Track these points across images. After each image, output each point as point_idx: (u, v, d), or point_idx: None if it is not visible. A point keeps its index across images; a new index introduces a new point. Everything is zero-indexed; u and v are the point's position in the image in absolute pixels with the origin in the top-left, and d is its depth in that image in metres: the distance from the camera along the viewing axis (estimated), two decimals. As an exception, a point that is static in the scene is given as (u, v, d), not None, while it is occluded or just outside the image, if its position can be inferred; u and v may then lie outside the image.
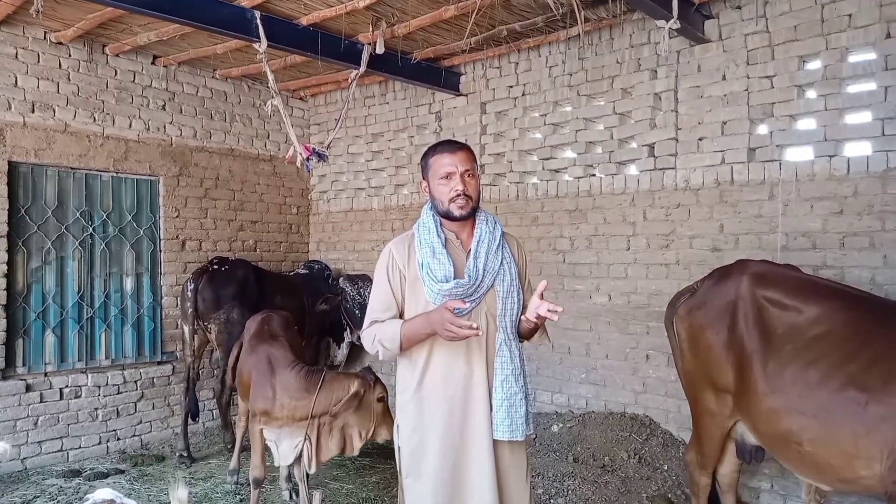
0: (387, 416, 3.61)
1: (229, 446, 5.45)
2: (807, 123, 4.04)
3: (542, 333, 2.47)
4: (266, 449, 3.93)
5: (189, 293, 5.29)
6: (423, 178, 2.46)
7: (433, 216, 2.41)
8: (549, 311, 2.16)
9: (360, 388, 3.53)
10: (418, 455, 2.36)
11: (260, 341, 4.01)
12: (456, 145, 2.43)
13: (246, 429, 4.68)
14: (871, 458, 2.49)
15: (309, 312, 5.85)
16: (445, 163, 2.35)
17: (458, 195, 2.32)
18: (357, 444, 3.66)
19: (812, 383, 2.67)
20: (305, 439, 3.53)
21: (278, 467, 4.38)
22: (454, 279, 2.28)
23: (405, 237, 2.46)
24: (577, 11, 4.13)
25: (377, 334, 2.36)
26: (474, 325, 2.12)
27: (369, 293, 2.52)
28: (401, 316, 2.41)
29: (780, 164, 4.06)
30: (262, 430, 3.82)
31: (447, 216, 2.37)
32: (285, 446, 3.67)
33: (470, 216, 2.38)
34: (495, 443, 2.33)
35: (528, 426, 2.40)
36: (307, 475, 3.79)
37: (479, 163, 5.56)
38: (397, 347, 2.32)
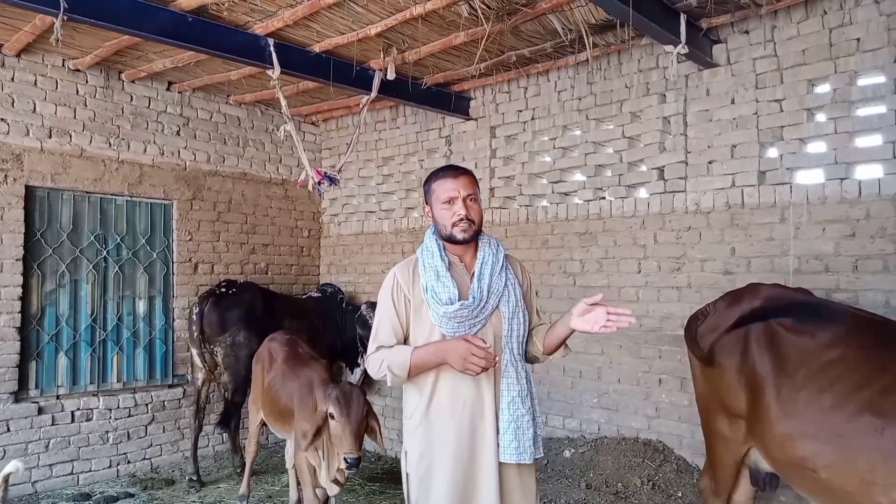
0: (338, 436, 3.18)
1: (239, 470, 5.44)
2: (817, 146, 4.03)
3: (565, 347, 2.47)
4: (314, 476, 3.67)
5: (195, 316, 5.31)
6: (426, 203, 2.49)
7: (436, 240, 2.43)
8: (610, 319, 2.16)
9: (324, 405, 3.27)
10: (427, 480, 2.34)
11: (299, 364, 3.95)
12: (458, 170, 2.45)
13: (256, 453, 4.64)
14: (889, 486, 2.44)
15: (320, 335, 5.86)
16: (448, 187, 2.37)
17: (461, 219, 2.34)
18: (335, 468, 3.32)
19: (826, 408, 2.63)
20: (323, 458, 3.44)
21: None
22: (459, 301, 2.29)
23: (409, 262, 2.47)
24: (585, 37, 4.18)
25: (385, 360, 2.34)
26: (497, 358, 2.13)
27: None
28: (406, 340, 2.40)
29: (791, 186, 4.05)
30: (305, 455, 3.63)
31: (450, 240, 2.39)
32: (324, 476, 3.50)
33: (472, 240, 2.40)
34: (503, 465, 2.31)
35: (537, 449, 2.38)
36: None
37: (489, 186, 5.59)
38: (406, 374, 2.31)
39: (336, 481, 3.41)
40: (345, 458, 3.10)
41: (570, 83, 5.15)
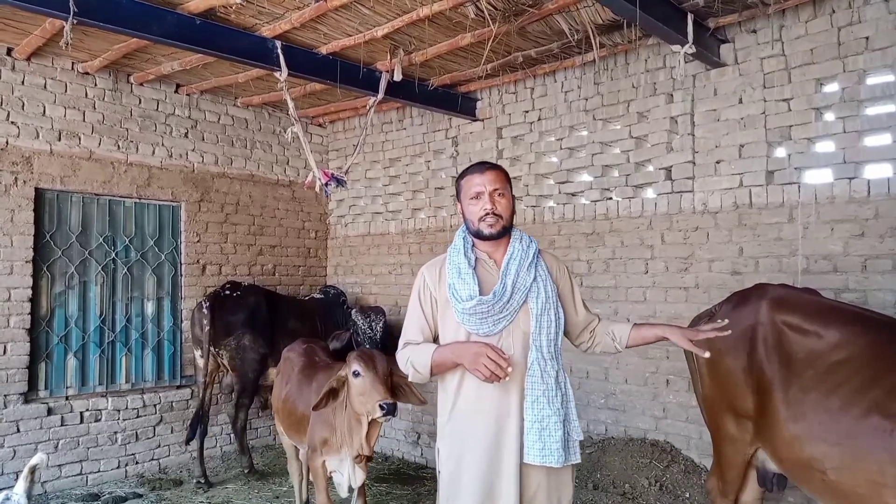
0: (366, 392, 3.09)
1: (246, 471, 5.46)
2: (825, 146, 4.01)
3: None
4: (330, 483, 3.62)
5: (204, 315, 5.31)
6: (458, 201, 2.50)
7: (464, 238, 2.44)
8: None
9: (344, 370, 3.24)
10: (456, 479, 2.33)
11: (314, 371, 3.92)
12: (486, 165, 2.46)
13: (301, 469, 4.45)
14: (899, 487, 2.42)
15: (323, 337, 5.86)
16: (475, 183, 2.39)
17: (487, 214, 2.34)
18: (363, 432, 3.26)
19: (834, 410, 2.61)
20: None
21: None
22: (478, 297, 2.27)
23: (438, 260, 2.48)
24: (592, 37, 4.17)
25: (410, 357, 2.37)
26: (509, 369, 2.14)
27: (380, 327, 2.55)
28: (435, 339, 2.42)
29: (799, 186, 4.03)
30: (324, 462, 3.57)
31: (478, 235, 2.40)
32: (348, 469, 3.46)
33: (501, 235, 2.39)
34: (529, 467, 2.27)
35: (569, 453, 2.31)
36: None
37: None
38: (427, 372, 2.33)
39: (360, 459, 3.33)
40: (380, 406, 2.97)
41: (576, 83, 5.14)
